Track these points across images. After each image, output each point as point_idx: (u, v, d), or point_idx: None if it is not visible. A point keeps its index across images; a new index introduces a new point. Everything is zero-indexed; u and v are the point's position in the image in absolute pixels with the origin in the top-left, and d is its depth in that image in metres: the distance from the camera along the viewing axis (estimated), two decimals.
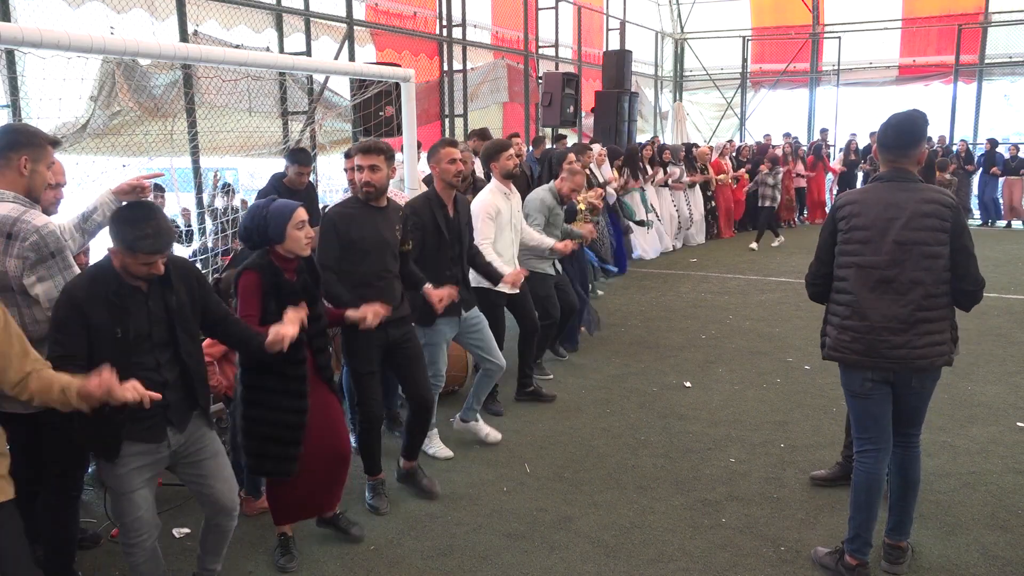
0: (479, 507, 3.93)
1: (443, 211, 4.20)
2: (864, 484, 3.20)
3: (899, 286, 3.04)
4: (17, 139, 2.81)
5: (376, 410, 3.82)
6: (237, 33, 8.01)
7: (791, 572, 3.32)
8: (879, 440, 3.20)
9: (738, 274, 10.15)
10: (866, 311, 3.09)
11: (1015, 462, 4.32)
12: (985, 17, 16.12)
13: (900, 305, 3.04)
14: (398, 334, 3.81)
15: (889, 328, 3.06)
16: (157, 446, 2.75)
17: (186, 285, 2.78)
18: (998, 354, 6.37)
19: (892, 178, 3.11)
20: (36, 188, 2.86)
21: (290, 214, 3.11)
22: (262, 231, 3.12)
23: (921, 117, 3.13)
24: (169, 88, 6.89)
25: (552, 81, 11.44)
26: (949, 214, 3.01)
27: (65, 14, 6.38)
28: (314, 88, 8.40)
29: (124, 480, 2.69)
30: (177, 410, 2.77)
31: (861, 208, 3.11)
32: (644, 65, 17.61)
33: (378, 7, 10.19)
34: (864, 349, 3.12)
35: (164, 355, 2.72)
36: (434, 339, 4.27)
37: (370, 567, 3.40)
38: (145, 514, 2.73)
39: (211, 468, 2.91)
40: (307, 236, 3.15)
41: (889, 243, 3.04)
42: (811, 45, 17.90)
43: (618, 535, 3.63)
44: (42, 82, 4.51)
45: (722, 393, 5.57)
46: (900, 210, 3.04)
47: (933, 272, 3.02)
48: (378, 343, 3.73)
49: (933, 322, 3.05)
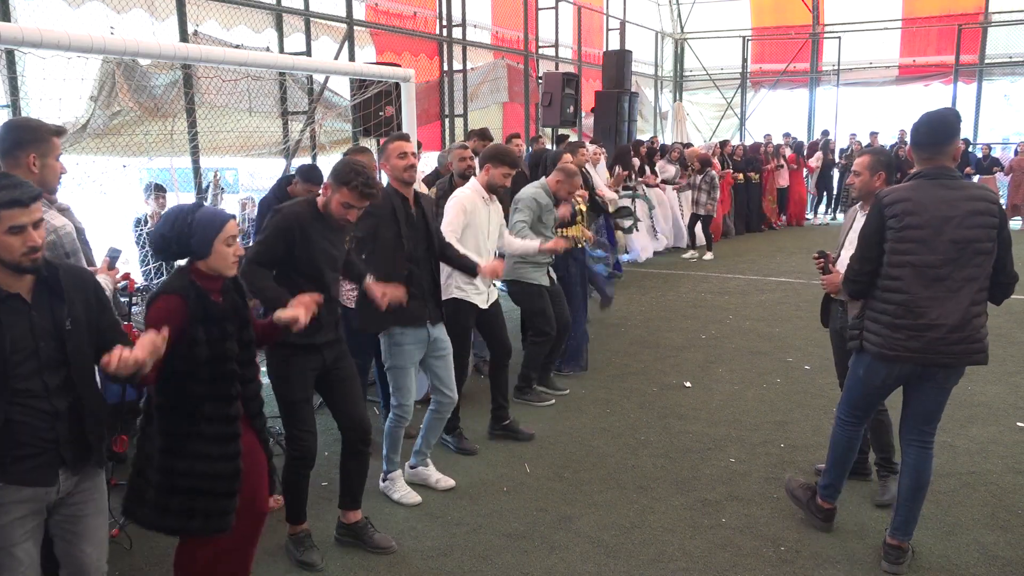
0: (479, 507, 3.93)
1: (404, 205, 3.80)
2: (844, 445, 3.51)
3: (952, 283, 3.08)
4: (22, 137, 2.80)
5: (310, 443, 3.36)
6: (237, 33, 8.01)
7: (791, 572, 3.32)
8: (866, 417, 3.50)
9: (738, 274, 10.15)
10: (924, 309, 3.10)
11: (1015, 462, 4.32)
12: (985, 17, 16.12)
13: (955, 302, 3.09)
14: (332, 356, 3.38)
15: (947, 326, 3.09)
16: (46, 491, 2.27)
17: (82, 297, 2.34)
18: (998, 354, 6.36)
19: (937, 176, 3.11)
20: (49, 182, 2.86)
21: (220, 225, 2.63)
22: (183, 241, 2.62)
23: (952, 114, 3.19)
24: (169, 88, 6.89)
25: (552, 81, 11.44)
26: (996, 209, 3.10)
27: (65, 14, 6.38)
28: (314, 88, 8.40)
29: (3, 533, 2.21)
30: (70, 447, 2.29)
31: (915, 207, 3.08)
32: (644, 65, 17.60)
33: (378, 7, 10.19)
34: (921, 347, 3.13)
35: (54, 379, 2.25)
36: (400, 361, 3.83)
37: (370, 567, 3.40)
38: (28, 571, 2.25)
39: (89, 528, 2.42)
40: (235, 254, 2.68)
41: (945, 242, 3.06)
42: (811, 45, 17.91)
43: (618, 535, 3.63)
44: (42, 82, 4.52)
45: (722, 393, 5.57)
46: (954, 208, 3.05)
47: (984, 268, 3.10)
48: (312, 367, 3.31)
49: (980, 316, 3.14)
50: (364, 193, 3.21)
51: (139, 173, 7.34)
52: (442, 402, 4.06)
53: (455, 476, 4.25)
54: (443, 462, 4.44)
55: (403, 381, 3.86)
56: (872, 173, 3.66)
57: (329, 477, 4.25)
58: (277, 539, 3.57)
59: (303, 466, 3.38)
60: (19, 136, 2.80)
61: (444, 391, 4.04)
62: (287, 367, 3.28)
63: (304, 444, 3.34)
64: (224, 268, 2.67)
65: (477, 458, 4.52)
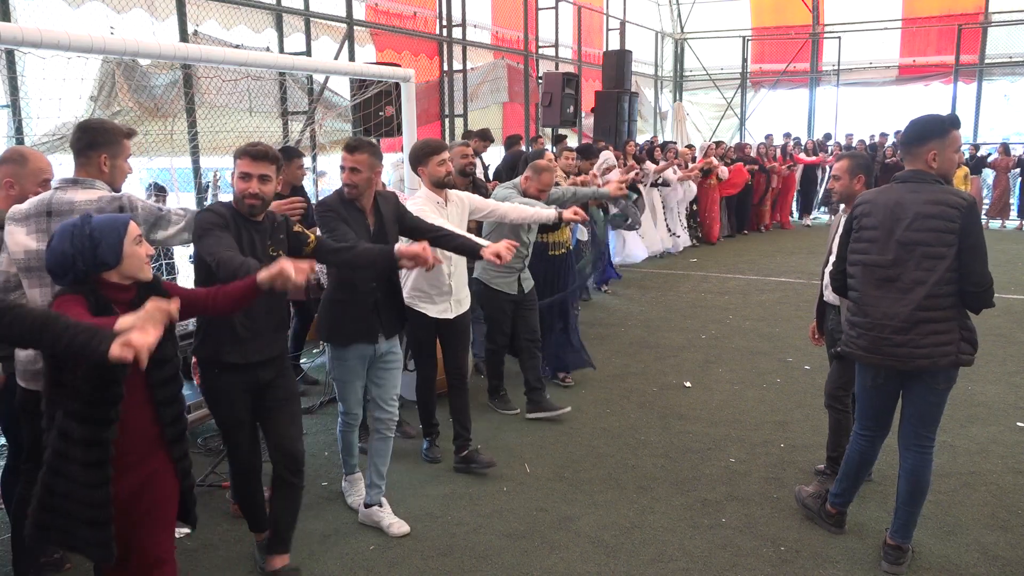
0: (479, 507, 3.92)
1: (359, 217, 3.53)
2: (857, 459, 3.48)
3: (901, 285, 3.12)
4: (95, 138, 2.93)
5: (250, 459, 3.16)
6: (237, 33, 8.01)
7: (791, 572, 3.32)
8: (877, 428, 3.41)
9: (738, 274, 10.16)
10: (869, 308, 3.21)
11: (1015, 462, 4.32)
12: (985, 17, 16.12)
13: (902, 304, 3.11)
14: (269, 375, 3.11)
15: (891, 326, 3.14)
16: None
17: None
18: (998, 354, 6.36)
19: (907, 179, 3.19)
20: (116, 181, 2.99)
21: (124, 227, 2.39)
22: (88, 254, 2.31)
23: (932, 118, 3.20)
24: (169, 88, 6.89)
25: (552, 81, 11.44)
26: (957, 215, 3.03)
27: (65, 14, 6.38)
28: (314, 88, 8.40)
29: None
30: None
31: (872, 208, 3.21)
32: (644, 65, 17.61)
33: (378, 7, 10.19)
34: (868, 345, 3.23)
35: None
36: (343, 375, 3.64)
37: (370, 567, 3.40)
38: None
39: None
40: (147, 253, 2.45)
41: (895, 243, 3.12)
42: (811, 45, 17.91)
43: (618, 535, 3.63)
44: (42, 82, 4.53)
45: (722, 393, 5.57)
46: (905, 211, 3.10)
47: (935, 273, 3.05)
48: (244, 387, 3.06)
49: (937, 322, 3.09)
50: (250, 153, 2.96)
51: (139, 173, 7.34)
52: (381, 419, 3.73)
53: (455, 477, 4.25)
54: (436, 466, 4.43)
55: (346, 392, 3.69)
56: (851, 176, 3.79)
57: (329, 477, 4.25)
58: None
59: (246, 481, 3.21)
60: (93, 137, 2.93)
61: (383, 406, 3.73)
62: (216, 385, 3.07)
63: (242, 462, 3.16)
64: (139, 271, 2.42)
65: None
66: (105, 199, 2.86)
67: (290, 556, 3.29)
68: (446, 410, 4.41)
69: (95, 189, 2.89)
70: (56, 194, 2.85)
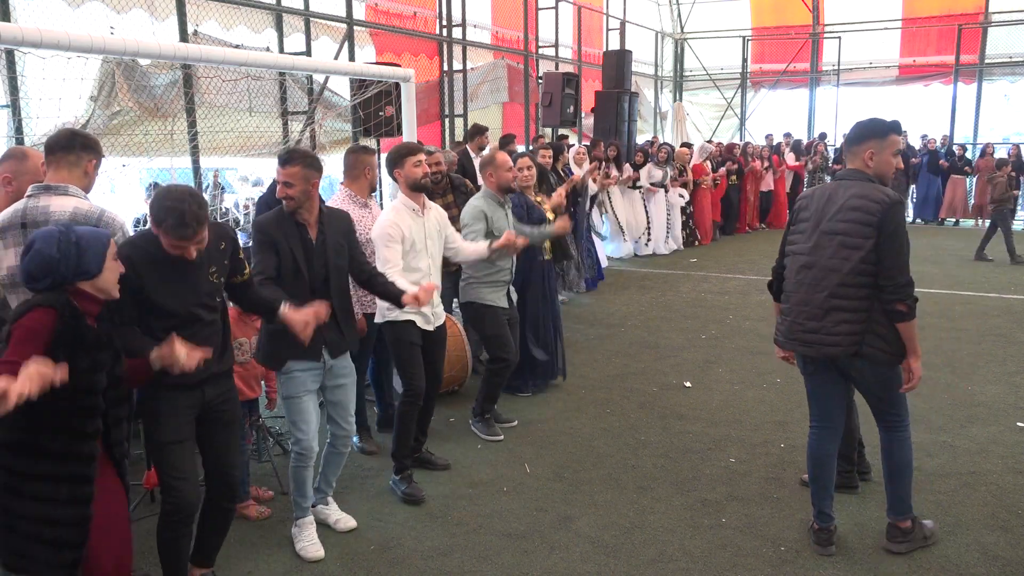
0: (479, 507, 3.93)
1: (298, 232, 3.38)
2: (811, 457, 3.52)
3: (817, 272, 3.26)
4: (88, 142, 3.03)
5: (185, 492, 2.85)
6: (237, 33, 8.00)
7: (791, 572, 3.32)
8: (822, 419, 3.48)
9: (738, 274, 10.16)
10: (790, 295, 3.39)
11: (1015, 462, 4.32)
12: (985, 17, 16.12)
13: (815, 291, 3.26)
14: (215, 394, 2.95)
15: (806, 312, 3.29)
16: None
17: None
18: (998, 354, 6.36)
19: (843, 176, 3.35)
20: (89, 189, 3.08)
21: (107, 241, 2.44)
22: (73, 261, 2.35)
23: (875, 121, 3.37)
24: (169, 88, 6.89)
25: (552, 81, 11.44)
26: (878, 209, 3.13)
27: (65, 14, 6.38)
28: (314, 88, 8.41)
29: None
30: None
31: (808, 202, 3.39)
32: (644, 65, 17.60)
33: (378, 7, 10.18)
34: (786, 331, 3.40)
35: None
36: (292, 389, 3.42)
37: (370, 567, 3.40)
38: None
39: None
40: (120, 270, 2.51)
41: (819, 233, 3.27)
42: (811, 45, 17.90)
43: (618, 535, 3.63)
44: (42, 82, 4.53)
45: (722, 393, 5.57)
46: (834, 204, 3.25)
47: (849, 262, 3.17)
48: (188, 405, 2.87)
49: (848, 311, 3.20)
50: (179, 235, 2.65)
51: (139, 173, 7.34)
52: (337, 435, 3.66)
53: (455, 477, 4.26)
54: (444, 459, 4.43)
55: (297, 413, 3.44)
56: None
57: None
58: (276, 536, 3.58)
59: (179, 523, 2.87)
60: (86, 141, 3.04)
61: (339, 423, 3.64)
62: (157, 404, 2.84)
63: (177, 494, 2.83)
64: (112, 287, 2.47)
65: (477, 458, 4.51)
66: (81, 212, 2.85)
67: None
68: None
69: (69, 196, 2.88)
70: (29, 203, 2.82)
